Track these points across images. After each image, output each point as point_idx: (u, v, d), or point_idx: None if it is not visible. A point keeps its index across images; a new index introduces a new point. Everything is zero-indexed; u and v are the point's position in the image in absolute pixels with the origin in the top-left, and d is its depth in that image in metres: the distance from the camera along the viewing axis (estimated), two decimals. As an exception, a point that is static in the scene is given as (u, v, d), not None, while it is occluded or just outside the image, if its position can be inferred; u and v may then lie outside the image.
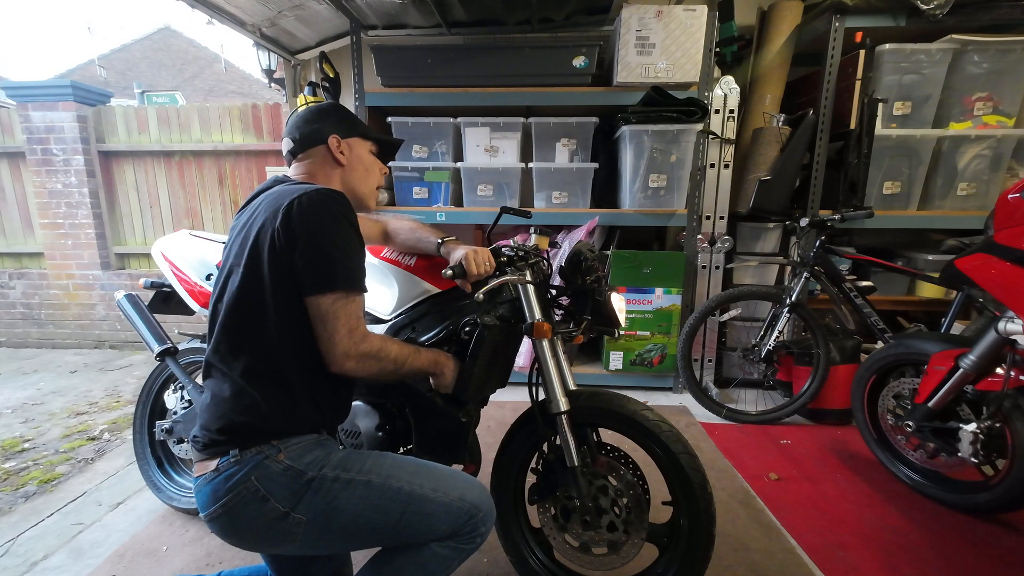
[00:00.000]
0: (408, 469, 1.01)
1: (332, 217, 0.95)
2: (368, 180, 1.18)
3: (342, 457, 0.98)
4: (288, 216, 0.92)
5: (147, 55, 15.09)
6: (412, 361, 1.06)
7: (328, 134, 1.10)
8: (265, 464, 0.92)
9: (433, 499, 0.98)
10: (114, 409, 2.70)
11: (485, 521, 1.02)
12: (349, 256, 0.96)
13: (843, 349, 2.38)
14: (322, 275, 0.93)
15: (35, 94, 3.47)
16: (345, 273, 0.94)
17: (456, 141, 2.80)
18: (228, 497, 0.91)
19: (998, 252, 1.51)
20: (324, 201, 0.95)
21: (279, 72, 3.55)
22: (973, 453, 1.61)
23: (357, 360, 0.96)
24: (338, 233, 0.95)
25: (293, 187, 0.99)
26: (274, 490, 0.91)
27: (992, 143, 2.50)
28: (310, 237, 0.92)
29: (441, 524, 0.98)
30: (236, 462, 0.92)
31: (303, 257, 0.92)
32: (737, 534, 1.61)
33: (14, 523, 1.74)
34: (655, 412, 1.17)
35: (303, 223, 0.92)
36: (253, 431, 0.94)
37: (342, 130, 1.12)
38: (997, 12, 2.37)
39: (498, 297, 1.22)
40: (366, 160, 1.17)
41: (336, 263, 0.94)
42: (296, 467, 0.93)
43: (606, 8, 2.78)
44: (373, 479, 0.96)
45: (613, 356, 2.76)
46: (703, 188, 2.65)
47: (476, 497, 1.02)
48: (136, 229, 3.79)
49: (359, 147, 1.15)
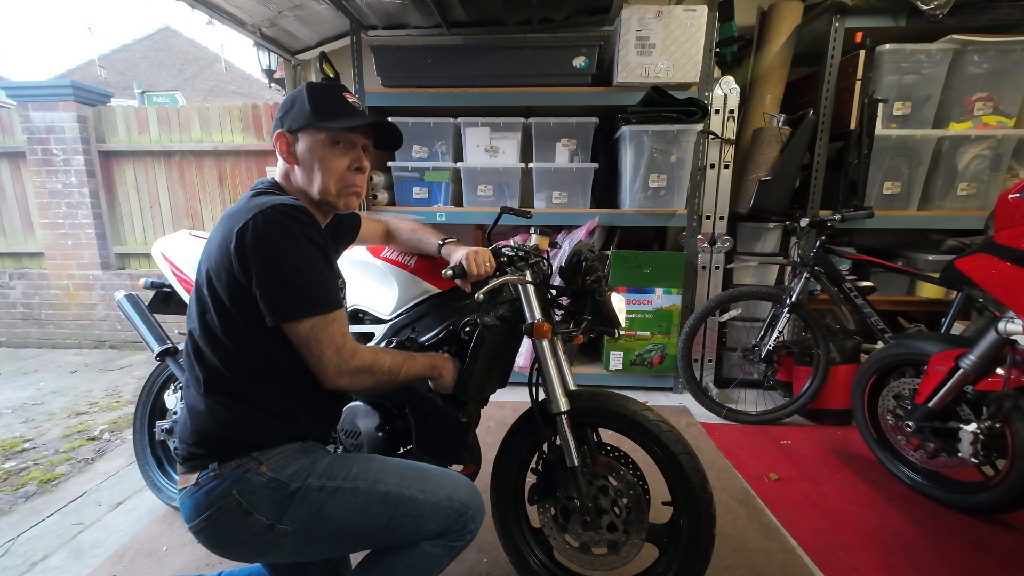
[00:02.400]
0: (395, 472, 1.00)
1: (287, 238, 0.87)
2: (324, 178, 0.98)
3: (327, 464, 0.96)
4: (241, 242, 0.86)
5: (147, 55, 15.09)
6: (408, 369, 1.03)
7: (277, 130, 1.00)
8: (246, 477, 0.90)
9: (422, 500, 0.97)
10: (114, 409, 2.70)
11: (475, 518, 1.02)
12: (312, 278, 0.90)
13: (843, 349, 2.38)
14: (288, 305, 0.88)
15: (35, 94, 3.47)
16: (311, 297, 0.89)
17: (456, 141, 2.80)
18: (210, 511, 0.90)
19: (998, 252, 1.51)
20: (278, 220, 0.87)
21: (279, 72, 3.55)
22: (973, 453, 1.61)
23: (351, 377, 0.93)
24: (295, 255, 0.88)
25: (252, 202, 0.92)
26: (257, 503, 0.90)
27: (992, 143, 2.50)
28: (265, 265, 0.86)
29: (431, 524, 0.97)
30: (216, 476, 0.90)
31: (261, 287, 0.87)
32: (737, 534, 1.61)
33: (14, 523, 1.74)
34: (655, 412, 1.17)
35: (256, 249, 0.86)
36: (231, 444, 0.92)
37: (291, 122, 0.98)
38: (997, 12, 2.37)
39: (498, 297, 1.22)
40: (317, 153, 0.98)
41: (298, 289, 0.88)
42: (279, 479, 0.91)
43: (606, 8, 2.78)
44: (360, 485, 0.95)
45: (613, 356, 2.76)
46: (703, 188, 2.65)
47: (465, 495, 1.02)
48: (136, 229, 3.79)
49: (308, 139, 0.98)
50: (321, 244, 0.93)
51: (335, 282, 0.95)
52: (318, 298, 0.90)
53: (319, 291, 0.90)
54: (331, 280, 0.94)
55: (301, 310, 0.88)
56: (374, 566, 1.01)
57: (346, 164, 1.01)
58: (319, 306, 0.89)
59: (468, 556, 1.50)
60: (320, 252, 0.92)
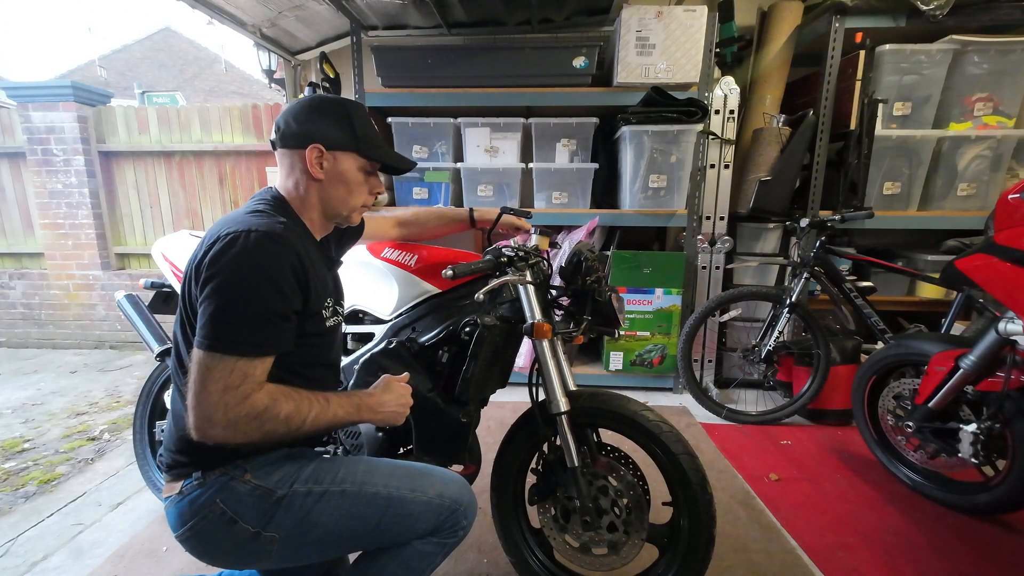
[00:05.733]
0: (383, 472, 0.99)
1: (247, 271, 0.82)
2: (349, 200, 1.02)
3: (313, 469, 0.95)
4: (204, 256, 0.84)
5: (147, 55, 15.11)
6: (317, 417, 0.89)
7: (310, 142, 0.95)
8: (230, 486, 0.89)
9: (411, 499, 0.96)
10: (114, 409, 2.70)
11: (467, 515, 1.01)
12: (249, 319, 0.82)
13: (843, 350, 2.38)
14: (206, 331, 0.81)
15: (35, 94, 3.47)
16: (232, 335, 0.81)
17: (456, 141, 2.80)
18: (194, 520, 0.89)
19: (998, 253, 1.51)
20: (246, 249, 0.83)
21: (279, 72, 3.55)
22: (973, 454, 1.61)
23: (224, 428, 0.80)
24: (246, 290, 0.82)
25: (245, 218, 0.88)
26: (242, 512, 0.89)
27: (992, 143, 2.50)
28: (212, 287, 0.82)
29: (421, 523, 0.97)
30: (199, 485, 0.89)
31: (200, 305, 0.83)
32: (737, 535, 1.61)
33: (14, 523, 1.74)
34: (655, 412, 1.17)
35: (212, 269, 0.82)
36: (214, 452, 0.88)
37: (331, 139, 0.96)
38: (997, 13, 2.38)
39: (498, 297, 1.22)
40: (351, 178, 1.00)
41: (226, 323, 0.81)
42: (264, 486, 0.90)
43: (606, 8, 2.78)
44: (347, 488, 0.94)
45: (613, 356, 2.76)
46: (703, 188, 2.65)
47: (455, 492, 1.01)
48: (136, 229, 3.79)
49: (347, 162, 0.99)
50: (284, 287, 0.86)
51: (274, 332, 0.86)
52: (237, 339, 0.81)
53: (244, 333, 0.82)
54: (267, 326, 0.84)
55: (216, 342, 0.81)
56: (367, 566, 1.00)
57: (369, 188, 1.05)
58: (232, 346, 0.81)
59: (468, 556, 1.50)
60: (278, 296, 0.85)
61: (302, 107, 0.98)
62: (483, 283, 1.16)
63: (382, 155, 1.03)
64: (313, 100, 1.00)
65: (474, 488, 1.50)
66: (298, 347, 0.92)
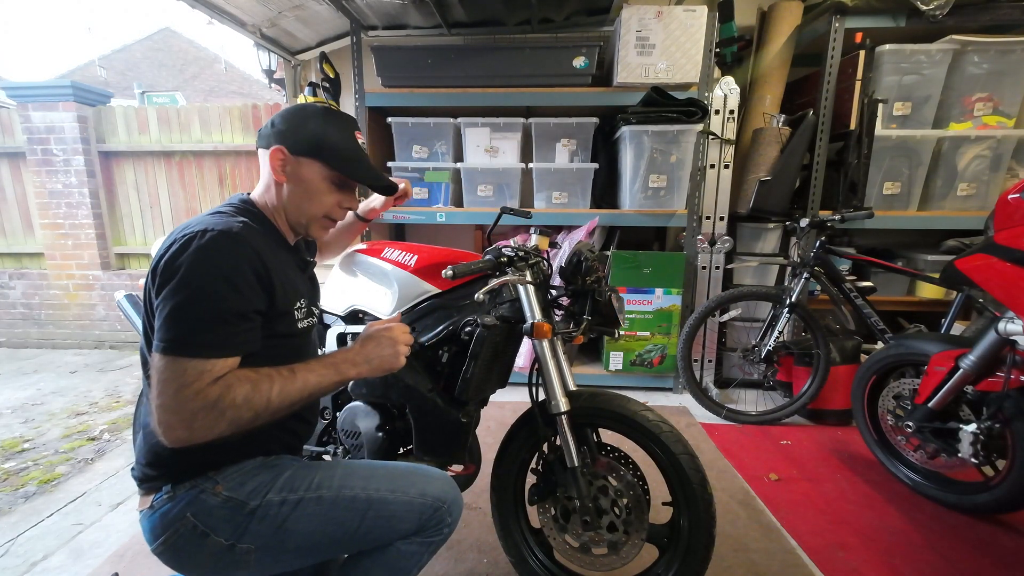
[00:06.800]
0: (361, 475, 0.97)
1: (201, 271, 0.80)
2: (307, 208, 0.99)
3: (289, 476, 0.93)
4: (161, 258, 0.81)
5: (147, 55, 15.11)
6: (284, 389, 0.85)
7: (276, 143, 0.95)
8: (201, 499, 0.87)
9: (392, 500, 0.95)
10: (114, 409, 2.70)
11: (451, 512, 1.00)
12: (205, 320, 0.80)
13: (843, 350, 2.38)
14: (162, 333, 0.79)
15: (35, 94, 3.47)
16: (187, 337, 0.79)
17: (456, 141, 2.80)
18: (167, 535, 0.87)
19: (998, 253, 1.51)
20: (201, 248, 0.80)
21: (279, 72, 3.55)
22: (973, 454, 1.61)
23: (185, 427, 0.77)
24: (200, 290, 0.80)
25: (198, 219, 0.87)
26: (214, 524, 0.87)
27: (992, 143, 2.50)
28: (168, 290, 0.80)
29: (404, 523, 0.95)
30: (169, 499, 0.87)
31: (156, 308, 0.81)
32: (737, 535, 1.61)
33: (14, 523, 1.74)
34: (655, 412, 1.17)
35: (166, 272, 0.80)
36: (184, 464, 0.88)
37: (296, 144, 0.96)
38: (997, 13, 2.38)
39: (498, 297, 1.22)
40: (312, 187, 0.98)
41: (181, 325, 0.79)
42: (237, 498, 0.88)
43: (606, 8, 2.78)
44: (324, 494, 0.92)
45: (613, 356, 2.76)
46: (703, 188, 2.65)
47: (438, 490, 0.99)
48: (136, 229, 3.79)
49: (309, 169, 0.97)
50: (242, 287, 0.83)
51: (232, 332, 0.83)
52: (195, 341, 0.79)
53: (201, 334, 0.80)
54: (225, 326, 0.82)
55: (171, 345, 0.78)
56: (351, 568, 0.99)
57: (336, 201, 1.02)
58: (189, 348, 0.79)
59: (468, 556, 1.50)
60: (234, 294, 0.83)
61: (285, 111, 0.99)
62: (483, 283, 1.15)
63: (347, 168, 0.99)
64: (298, 105, 1.00)
65: (474, 488, 1.51)
66: (269, 348, 0.90)
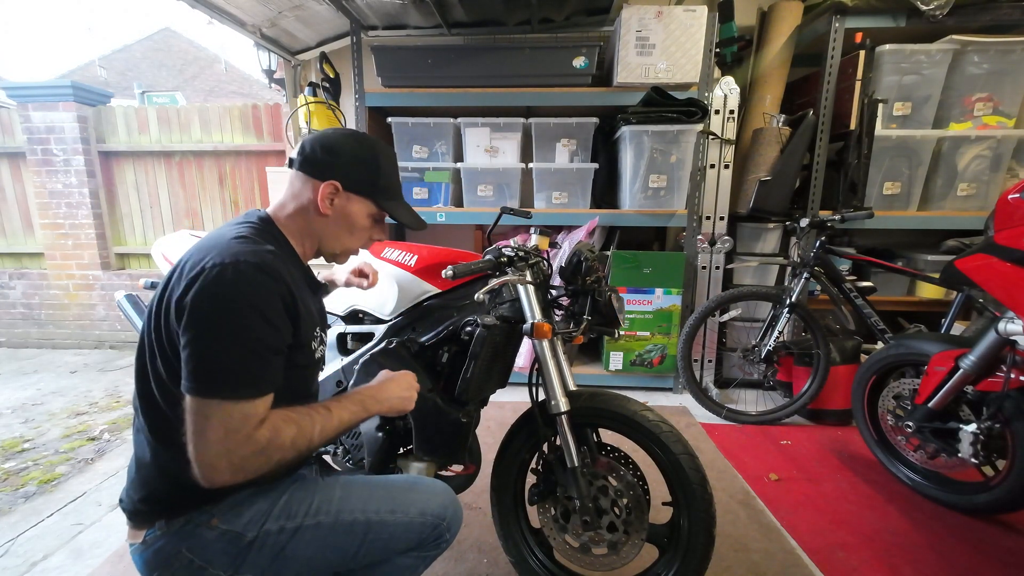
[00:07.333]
0: (360, 496, 0.95)
1: (237, 307, 0.77)
2: (344, 241, 0.99)
3: (285, 502, 0.90)
4: (187, 291, 0.77)
5: (147, 55, 15.10)
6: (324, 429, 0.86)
7: (330, 177, 0.92)
8: (196, 533, 0.84)
9: (392, 521, 0.94)
10: (114, 409, 2.70)
11: (450, 528, 1.00)
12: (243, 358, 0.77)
13: (843, 350, 2.38)
14: (198, 376, 0.75)
15: (35, 94, 3.47)
16: (226, 378, 0.76)
17: (456, 141, 2.80)
18: (161, 571, 0.85)
19: (998, 253, 1.51)
20: (234, 282, 0.77)
21: (279, 72, 3.54)
22: (973, 454, 1.61)
23: (232, 472, 0.76)
24: (237, 327, 0.77)
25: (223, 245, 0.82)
26: (211, 558, 0.85)
27: (992, 143, 2.50)
28: (200, 326, 0.76)
29: (403, 543, 0.95)
30: (163, 534, 0.84)
31: (186, 348, 0.76)
32: (737, 535, 1.61)
33: (14, 523, 1.73)
34: (655, 413, 1.17)
35: (198, 306, 0.76)
36: (179, 498, 0.85)
37: (351, 180, 0.94)
38: (997, 13, 2.38)
39: (498, 297, 1.22)
40: (356, 221, 0.97)
41: (219, 365, 0.76)
42: (233, 530, 0.85)
43: (606, 8, 2.78)
44: (322, 520, 0.90)
45: (613, 356, 2.76)
46: (703, 188, 2.65)
47: (438, 507, 0.98)
48: (136, 229, 3.79)
49: (357, 205, 0.96)
50: (277, 323, 0.81)
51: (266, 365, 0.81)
52: (232, 380, 0.77)
53: (239, 373, 0.77)
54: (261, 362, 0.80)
55: (209, 387, 0.75)
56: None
57: (371, 235, 1.03)
58: (228, 389, 0.76)
59: (468, 556, 1.51)
60: (269, 329, 0.80)
61: (334, 138, 0.95)
62: (483, 283, 1.16)
63: (397, 211, 1.01)
64: (346, 134, 0.96)
65: (474, 488, 1.51)
66: (287, 378, 0.88)
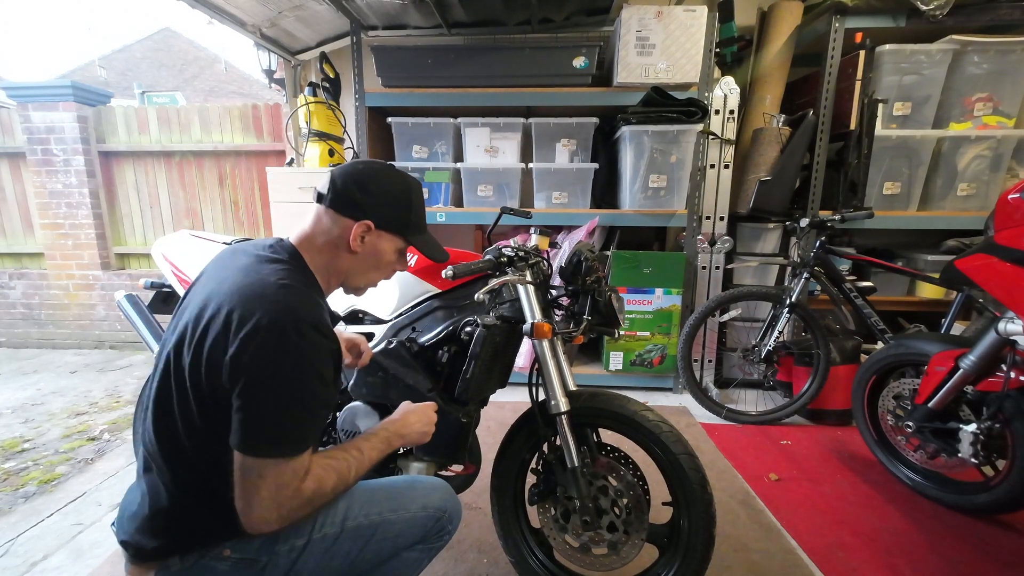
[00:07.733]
0: (362, 500, 0.97)
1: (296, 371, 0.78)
2: (371, 276, 1.01)
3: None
4: (244, 351, 0.76)
5: (147, 55, 15.11)
6: (359, 469, 0.90)
7: (364, 217, 0.92)
8: (210, 566, 0.85)
9: (395, 520, 0.97)
10: (114, 409, 2.70)
11: (452, 520, 1.03)
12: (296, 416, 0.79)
13: (843, 350, 2.38)
14: (255, 436, 0.77)
15: (35, 94, 3.47)
16: (283, 437, 0.78)
17: (456, 141, 2.80)
18: None
19: (998, 253, 1.51)
20: (296, 346, 0.78)
21: (279, 72, 3.54)
22: (973, 454, 1.61)
23: (280, 522, 0.80)
24: (298, 390, 0.79)
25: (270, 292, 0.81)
26: None
27: (992, 144, 2.50)
28: (257, 389, 0.77)
29: (408, 538, 0.98)
30: (177, 572, 0.85)
31: (242, 409, 0.77)
32: (737, 535, 1.61)
33: (14, 523, 1.73)
34: (655, 413, 1.17)
35: (258, 370, 0.76)
36: (195, 538, 0.85)
37: (383, 219, 0.94)
38: (997, 13, 2.38)
39: (498, 297, 1.22)
40: (384, 257, 0.98)
41: (279, 427, 0.78)
42: (246, 557, 0.87)
43: (606, 8, 2.78)
44: (328, 531, 0.92)
45: (613, 357, 2.76)
46: (703, 188, 2.65)
47: (439, 499, 1.02)
48: (136, 229, 3.79)
49: (387, 243, 0.97)
50: (330, 380, 0.85)
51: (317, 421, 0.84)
52: (288, 440, 0.79)
53: (294, 432, 0.79)
54: (313, 419, 0.83)
55: (267, 449, 0.77)
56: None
57: (395, 268, 1.04)
58: (283, 448, 0.78)
59: (468, 556, 1.50)
60: (325, 388, 0.83)
61: (367, 174, 0.94)
62: (483, 283, 1.16)
63: (424, 246, 1.03)
64: (378, 169, 0.96)
65: (474, 488, 1.51)
66: None
